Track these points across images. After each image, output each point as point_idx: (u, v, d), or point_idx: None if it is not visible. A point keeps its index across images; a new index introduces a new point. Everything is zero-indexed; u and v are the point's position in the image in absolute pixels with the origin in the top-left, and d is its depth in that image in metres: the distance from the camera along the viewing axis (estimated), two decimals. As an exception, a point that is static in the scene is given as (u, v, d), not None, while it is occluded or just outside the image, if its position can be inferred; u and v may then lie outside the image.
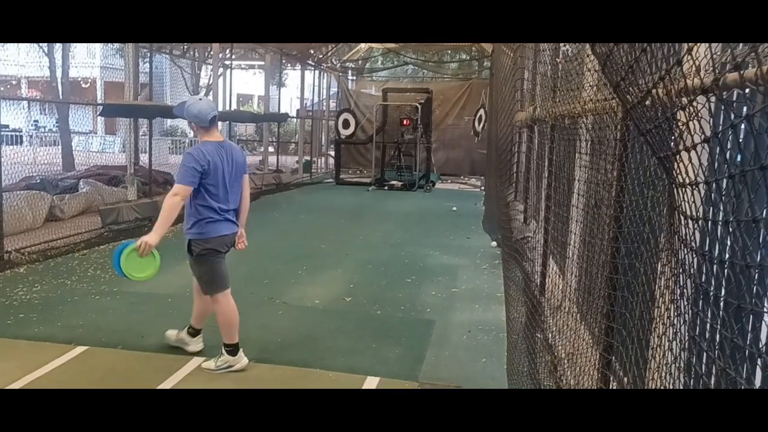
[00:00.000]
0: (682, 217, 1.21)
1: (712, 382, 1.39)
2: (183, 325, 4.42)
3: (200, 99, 4.19)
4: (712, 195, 1.33)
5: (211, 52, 14.62)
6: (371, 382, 3.98)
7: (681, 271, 1.31)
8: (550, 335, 3.34)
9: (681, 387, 1.31)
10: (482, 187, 14.66)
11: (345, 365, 4.23)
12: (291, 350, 4.51)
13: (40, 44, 17.20)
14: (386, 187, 15.49)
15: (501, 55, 7.22)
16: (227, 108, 14.29)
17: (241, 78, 25.05)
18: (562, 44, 3.56)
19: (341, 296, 5.93)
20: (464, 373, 4.18)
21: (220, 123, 14.65)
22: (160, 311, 5.27)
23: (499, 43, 7.47)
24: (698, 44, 0.99)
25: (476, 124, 16.84)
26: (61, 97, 16.80)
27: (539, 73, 4.45)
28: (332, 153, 19.17)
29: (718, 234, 1.31)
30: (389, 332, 4.97)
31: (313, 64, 18.81)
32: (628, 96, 1.32)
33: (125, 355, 4.30)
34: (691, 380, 1.52)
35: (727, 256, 1.20)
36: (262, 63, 18.01)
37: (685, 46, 1.05)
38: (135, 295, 5.65)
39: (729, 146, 1.29)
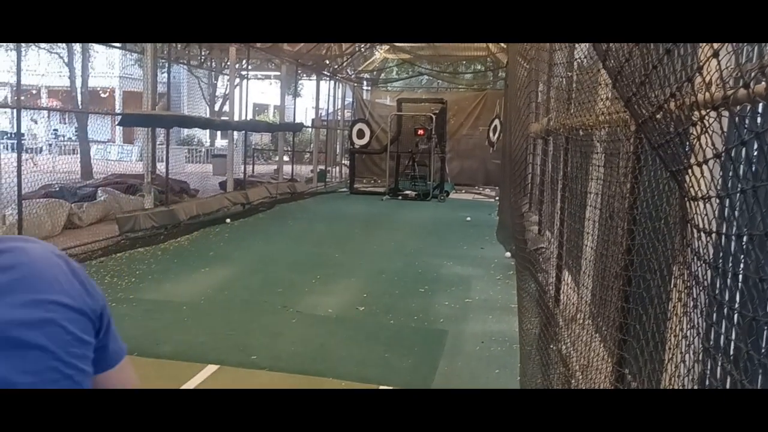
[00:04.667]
0: (694, 230, 1.21)
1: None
2: (197, 332, 4.46)
3: None
4: (726, 210, 1.33)
5: (228, 63, 14.77)
6: (384, 392, 3.99)
7: (694, 283, 1.31)
8: (564, 347, 3.32)
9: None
10: (497, 198, 14.63)
11: (357, 374, 4.24)
12: (304, 359, 4.53)
13: (61, 54, 17.49)
14: (400, 197, 15.51)
15: (516, 67, 7.23)
16: (243, 117, 14.40)
17: (257, 88, 25.27)
18: (576, 56, 3.57)
19: (354, 305, 5.95)
20: (477, 384, 4.18)
21: (235, 133, 14.86)
22: (175, 319, 5.32)
23: (515, 54, 7.48)
24: (709, 60, 1.00)
25: (491, 134, 16.84)
26: (80, 107, 17.06)
27: (553, 87, 4.46)
28: (347, 162, 19.25)
29: (732, 247, 1.31)
30: (402, 342, 4.97)
31: (329, 74, 18.92)
32: (639, 110, 1.33)
33: (140, 362, 4.33)
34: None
35: (741, 269, 1.21)
36: (278, 73, 18.15)
37: (698, 61, 1.06)
38: (150, 303, 5.71)
39: (741, 161, 1.30)
